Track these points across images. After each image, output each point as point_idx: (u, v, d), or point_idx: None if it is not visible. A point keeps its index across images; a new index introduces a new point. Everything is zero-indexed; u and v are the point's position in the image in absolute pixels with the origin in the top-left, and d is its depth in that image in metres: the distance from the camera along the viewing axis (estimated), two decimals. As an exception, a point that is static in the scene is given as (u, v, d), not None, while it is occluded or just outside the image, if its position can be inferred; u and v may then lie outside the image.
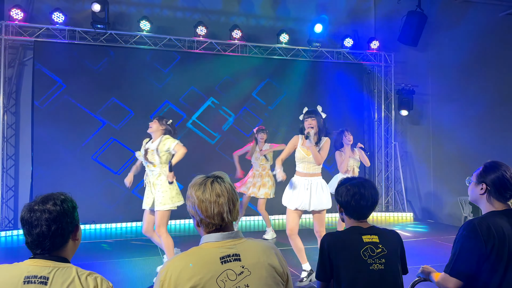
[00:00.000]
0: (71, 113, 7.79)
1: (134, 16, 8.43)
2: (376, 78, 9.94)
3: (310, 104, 5.19)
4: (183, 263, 1.59)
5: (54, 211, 1.67)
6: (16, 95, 7.84)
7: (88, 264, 5.17)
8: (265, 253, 1.69)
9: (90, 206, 7.52)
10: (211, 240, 1.67)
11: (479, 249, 2.04)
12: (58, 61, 7.75)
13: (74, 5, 8.15)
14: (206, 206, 1.65)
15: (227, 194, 1.68)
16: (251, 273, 1.61)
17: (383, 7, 10.01)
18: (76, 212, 1.77)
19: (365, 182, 2.23)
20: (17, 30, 7.65)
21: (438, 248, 6.11)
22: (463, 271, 2.05)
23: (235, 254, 1.64)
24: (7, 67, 7.66)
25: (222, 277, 1.57)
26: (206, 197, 1.65)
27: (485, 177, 2.18)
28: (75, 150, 7.77)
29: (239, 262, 1.62)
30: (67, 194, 1.78)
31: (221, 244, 1.65)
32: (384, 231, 2.21)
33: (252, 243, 1.72)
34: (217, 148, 8.60)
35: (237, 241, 1.68)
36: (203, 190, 1.67)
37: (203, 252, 1.64)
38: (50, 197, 1.71)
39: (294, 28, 9.38)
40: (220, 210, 1.65)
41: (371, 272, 2.05)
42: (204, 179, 1.71)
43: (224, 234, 1.67)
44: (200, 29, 8.44)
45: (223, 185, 1.69)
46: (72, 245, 1.75)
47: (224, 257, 1.62)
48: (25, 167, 7.72)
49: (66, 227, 1.69)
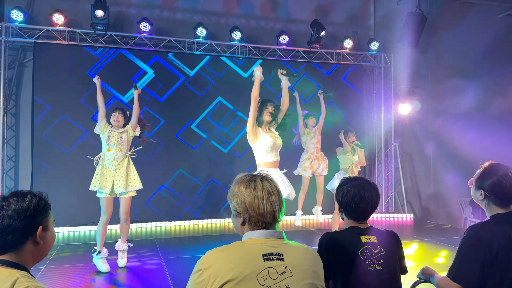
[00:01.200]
0: (72, 115, 7.79)
1: (134, 18, 8.44)
2: (376, 79, 9.95)
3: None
4: (224, 254, 1.57)
5: (11, 206, 1.52)
6: (16, 97, 7.84)
7: (88, 265, 5.17)
8: (308, 257, 1.67)
9: (90, 208, 7.51)
10: (255, 236, 1.64)
11: (482, 255, 2.01)
12: (58, 63, 7.76)
13: (74, 6, 8.15)
14: (259, 204, 1.63)
15: (277, 192, 1.68)
16: (293, 275, 1.57)
17: (383, 8, 10.02)
18: (45, 212, 1.59)
19: (365, 183, 2.20)
20: (17, 32, 7.65)
21: (438, 249, 6.10)
22: (467, 278, 2.02)
23: (278, 253, 1.60)
24: (7, 68, 7.66)
25: (263, 274, 1.54)
26: (258, 195, 1.63)
27: (483, 183, 2.16)
28: (75, 152, 7.76)
29: (281, 262, 1.58)
30: (41, 193, 1.62)
31: (265, 241, 1.62)
32: (383, 232, 2.21)
33: (296, 246, 1.69)
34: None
35: (281, 241, 1.66)
36: (254, 187, 1.64)
37: (245, 246, 1.61)
38: (17, 193, 1.58)
39: (294, 30, 9.40)
40: (273, 208, 1.64)
41: (369, 272, 2.05)
42: (250, 176, 1.69)
43: (268, 232, 1.65)
44: (200, 30, 8.44)
45: (272, 184, 1.69)
46: (32, 249, 1.56)
47: (266, 254, 1.58)
48: (25, 169, 7.70)
49: (21, 225, 1.51)
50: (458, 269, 2.05)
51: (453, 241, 6.50)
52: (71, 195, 7.40)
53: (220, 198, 8.29)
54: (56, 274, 4.87)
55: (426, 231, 7.65)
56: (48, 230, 1.62)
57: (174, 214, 8.25)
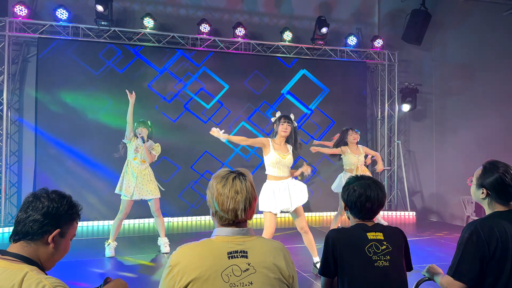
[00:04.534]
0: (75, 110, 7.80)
1: (137, 13, 8.44)
2: (380, 77, 9.92)
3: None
4: (193, 252, 1.63)
5: (48, 199, 1.61)
6: (20, 92, 7.85)
7: (88, 261, 5.19)
8: (271, 253, 1.70)
9: (93, 203, 7.54)
10: (222, 234, 1.70)
11: (482, 252, 2.02)
12: (62, 58, 7.76)
13: (77, 1, 8.15)
14: (223, 200, 1.69)
15: (245, 193, 1.71)
16: (256, 271, 1.63)
17: (387, 5, 9.99)
18: (70, 220, 1.67)
19: (372, 183, 2.20)
20: (21, 27, 7.65)
21: (441, 247, 6.10)
22: (467, 274, 2.03)
23: (243, 251, 1.66)
24: (11, 63, 7.67)
25: (227, 272, 1.59)
26: (224, 191, 1.69)
27: (484, 181, 2.16)
28: (78, 147, 7.77)
29: (245, 259, 1.64)
30: (79, 205, 1.72)
31: (231, 239, 1.68)
32: (389, 228, 2.22)
33: (261, 242, 1.74)
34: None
35: (247, 238, 1.71)
36: (223, 183, 1.71)
37: (213, 244, 1.67)
38: (59, 193, 1.67)
39: (298, 26, 9.37)
40: (235, 207, 1.69)
41: (376, 268, 2.05)
42: (227, 173, 1.75)
43: (235, 230, 1.70)
44: (204, 26, 8.43)
45: (244, 183, 1.72)
46: (45, 249, 1.60)
47: (231, 252, 1.64)
48: (28, 164, 7.73)
49: (43, 220, 1.58)
50: (458, 267, 2.06)
51: (455, 239, 6.49)
52: (74, 191, 7.40)
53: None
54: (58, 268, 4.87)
55: (428, 229, 7.64)
56: (64, 238, 1.67)
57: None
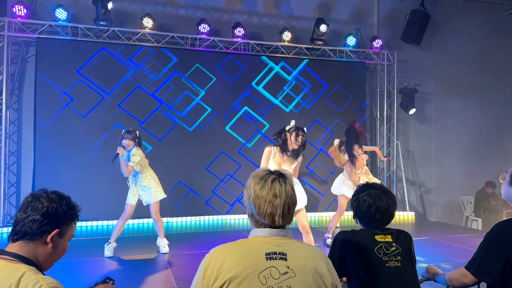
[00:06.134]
0: (74, 111, 7.79)
1: (136, 13, 8.43)
2: (379, 77, 9.92)
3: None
4: (228, 252, 1.56)
5: (47, 200, 1.62)
6: (19, 92, 7.84)
7: (88, 261, 5.18)
8: (313, 258, 1.61)
9: (92, 203, 7.52)
10: (260, 234, 1.62)
11: (505, 252, 1.95)
12: (60, 58, 7.75)
13: (77, 1, 8.14)
14: (260, 203, 1.60)
15: (285, 197, 1.61)
16: (295, 275, 1.54)
17: (386, 6, 9.99)
18: (69, 221, 1.67)
19: (382, 194, 2.15)
20: (20, 27, 7.64)
21: (440, 247, 6.10)
22: (488, 273, 1.98)
23: (282, 253, 1.57)
24: (9, 63, 7.66)
25: (264, 273, 1.52)
26: (262, 194, 1.60)
27: None
28: (77, 147, 7.76)
29: (284, 262, 1.56)
30: (77, 206, 1.71)
31: (269, 240, 1.60)
32: (397, 231, 2.18)
33: (302, 246, 1.65)
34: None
35: (286, 240, 1.62)
36: (262, 185, 1.61)
37: (249, 245, 1.60)
38: (59, 194, 1.68)
39: (297, 26, 9.38)
40: (272, 212, 1.60)
41: (388, 269, 2.01)
42: (267, 173, 1.65)
43: (274, 231, 1.62)
44: (203, 26, 8.42)
45: (284, 186, 1.62)
46: (43, 249, 1.60)
47: (270, 253, 1.56)
48: (27, 164, 7.72)
49: (41, 219, 1.58)
50: (480, 264, 2.01)
51: (454, 240, 6.51)
52: (73, 191, 7.36)
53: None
54: (57, 267, 4.87)
55: (428, 229, 7.65)
56: (63, 239, 1.67)
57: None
